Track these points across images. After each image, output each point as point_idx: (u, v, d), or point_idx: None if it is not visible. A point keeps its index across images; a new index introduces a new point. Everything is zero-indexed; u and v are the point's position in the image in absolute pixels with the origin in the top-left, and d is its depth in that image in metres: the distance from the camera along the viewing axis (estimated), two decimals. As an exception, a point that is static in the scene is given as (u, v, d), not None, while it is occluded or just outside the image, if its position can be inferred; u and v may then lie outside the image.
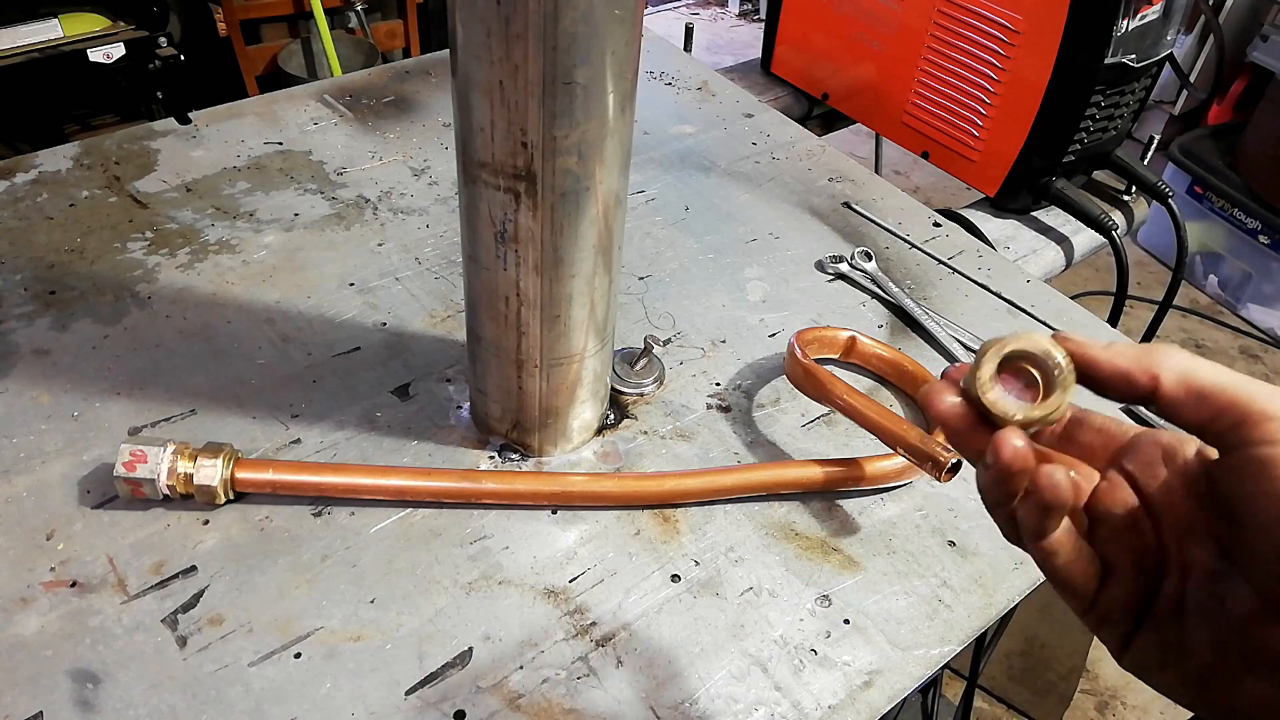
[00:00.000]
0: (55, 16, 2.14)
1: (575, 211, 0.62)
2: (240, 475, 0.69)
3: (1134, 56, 1.05)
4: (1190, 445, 0.38)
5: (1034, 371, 0.38)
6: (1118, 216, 1.21)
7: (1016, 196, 1.18)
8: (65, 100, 2.44)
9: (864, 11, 1.26)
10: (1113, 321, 1.06)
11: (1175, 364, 0.35)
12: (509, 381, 0.73)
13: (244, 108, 1.17)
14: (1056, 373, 0.37)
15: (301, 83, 1.26)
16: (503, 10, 0.52)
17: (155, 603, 0.65)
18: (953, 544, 0.75)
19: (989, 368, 0.37)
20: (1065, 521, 0.38)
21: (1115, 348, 0.37)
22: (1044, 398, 0.38)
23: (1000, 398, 0.38)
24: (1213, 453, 0.36)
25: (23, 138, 2.37)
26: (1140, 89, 1.14)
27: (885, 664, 0.66)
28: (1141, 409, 0.87)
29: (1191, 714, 0.40)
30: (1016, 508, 0.38)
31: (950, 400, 0.38)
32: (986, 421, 0.38)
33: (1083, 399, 0.38)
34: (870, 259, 1.02)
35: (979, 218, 1.18)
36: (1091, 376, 0.37)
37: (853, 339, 0.88)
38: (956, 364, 0.40)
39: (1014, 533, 0.39)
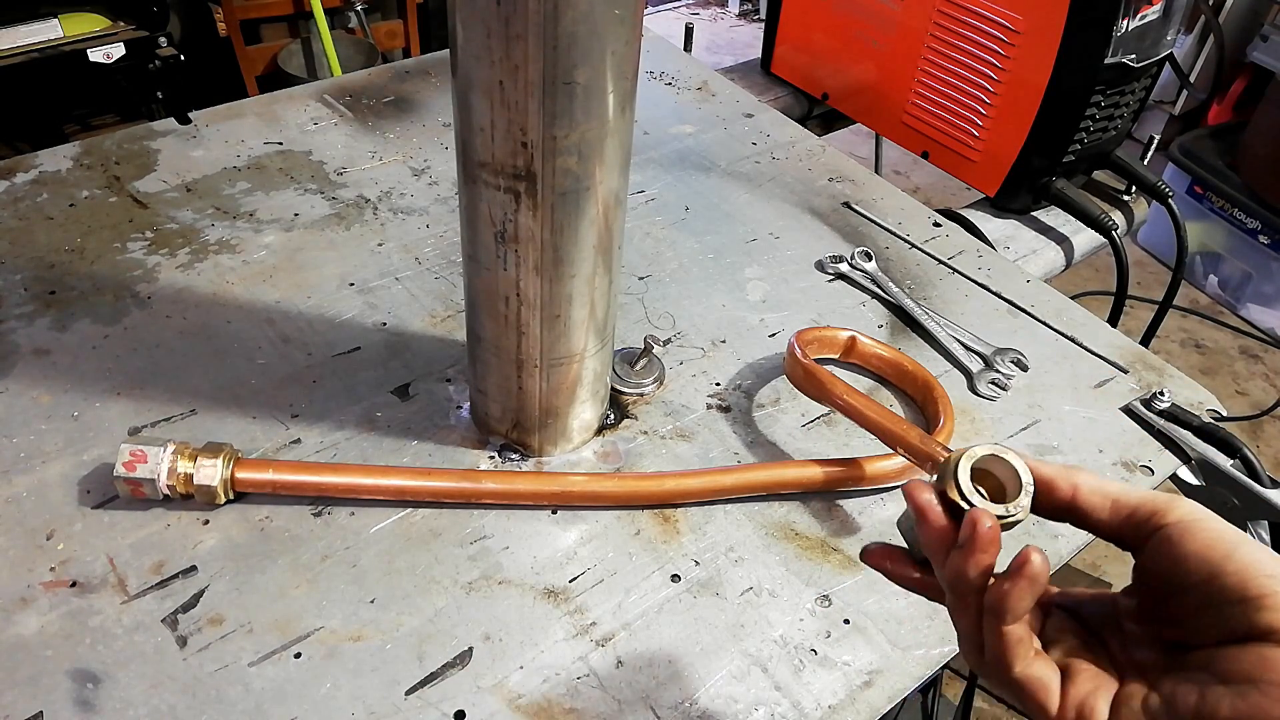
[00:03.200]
0: (55, 16, 2.14)
1: (575, 211, 0.62)
2: (240, 475, 0.69)
3: (1134, 56, 1.05)
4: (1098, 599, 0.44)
5: (998, 479, 0.44)
6: (1118, 216, 1.21)
7: (1016, 196, 1.18)
8: (65, 100, 2.44)
9: (864, 11, 1.26)
10: (1113, 321, 1.06)
11: (1089, 477, 0.42)
12: (509, 381, 0.73)
13: (244, 108, 1.17)
14: (1019, 479, 0.43)
15: (301, 83, 1.26)
16: (503, 10, 0.52)
17: (155, 603, 0.65)
18: (953, 544, 0.75)
19: (964, 473, 0.43)
20: (1025, 624, 0.41)
21: (1038, 462, 0.43)
22: (1008, 500, 0.43)
23: (973, 496, 0.43)
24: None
25: (23, 138, 2.37)
26: (1140, 89, 1.14)
27: (885, 664, 0.66)
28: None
29: None
30: (989, 591, 0.41)
31: (928, 496, 0.44)
32: (956, 519, 0.43)
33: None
34: (870, 259, 1.02)
35: (979, 218, 1.18)
36: None
37: (853, 339, 0.88)
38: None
39: (977, 634, 0.42)
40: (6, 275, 0.90)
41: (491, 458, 0.78)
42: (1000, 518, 0.42)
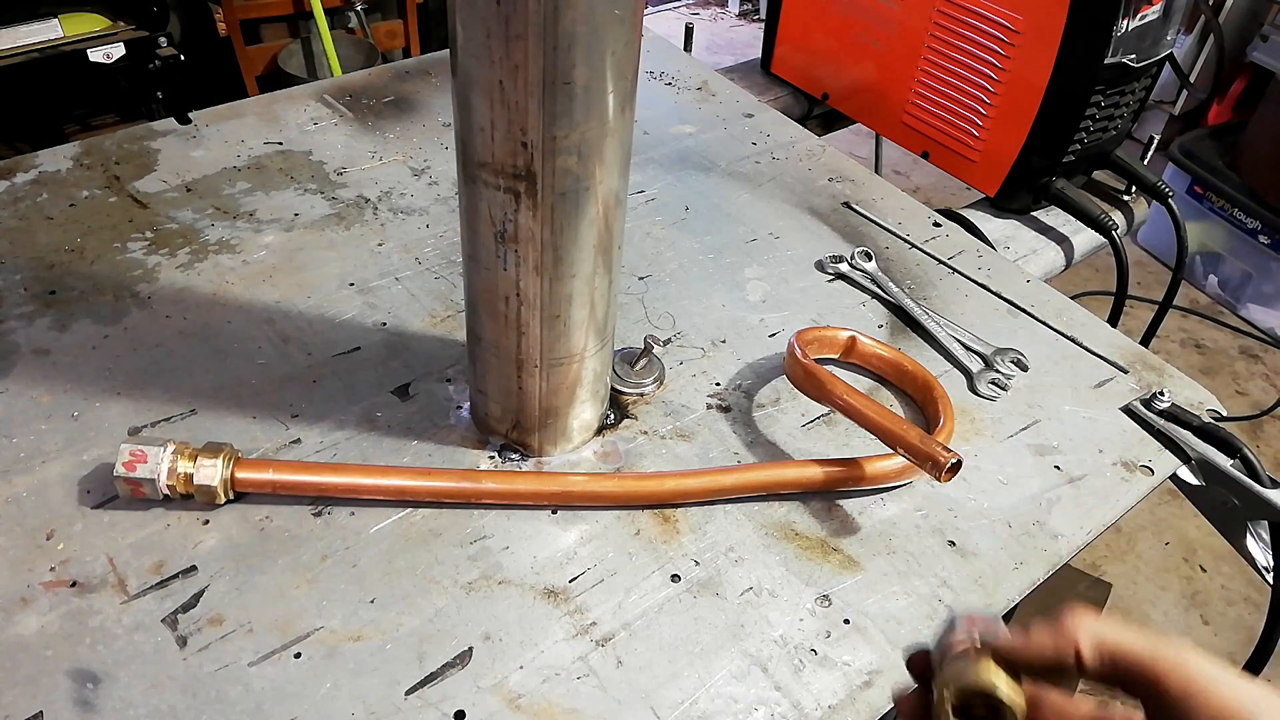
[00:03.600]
0: (55, 16, 2.14)
1: (575, 211, 0.62)
2: (240, 475, 0.69)
3: (1134, 56, 1.05)
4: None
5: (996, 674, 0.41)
6: (1118, 216, 1.21)
7: (1016, 196, 1.18)
8: (65, 100, 2.44)
9: (864, 11, 1.26)
10: (1113, 321, 1.06)
11: (1088, 633, 0.40)
12: (509, 381, 0.73)
13: (244, 108, 1.17)
14: (1005, 710, 0.40)
15: (301, 83, 1.26)
16: (503, 10, 0.52)
17: (155, 603, 0.65)
18: (953, 544, 0.75)
19: (946, 706, 0.41)
20: None
21: (1033, 639, 0.41)
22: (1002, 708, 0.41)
23: None
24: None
25: (23, 138, 2.37)
26: (1140, 89, 1.14)
27: (885, 664, 0.66)
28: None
29: None
30: None
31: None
32: None
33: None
34: (870, 259, 1.02)
35: (979, 218, 1.18)
36: (1024, 670, 0.41)
37: (853, 339, 0.88)
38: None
39: None
40: (6, 275, 0.90)
41: (491, 458, 0.78)
42: None
